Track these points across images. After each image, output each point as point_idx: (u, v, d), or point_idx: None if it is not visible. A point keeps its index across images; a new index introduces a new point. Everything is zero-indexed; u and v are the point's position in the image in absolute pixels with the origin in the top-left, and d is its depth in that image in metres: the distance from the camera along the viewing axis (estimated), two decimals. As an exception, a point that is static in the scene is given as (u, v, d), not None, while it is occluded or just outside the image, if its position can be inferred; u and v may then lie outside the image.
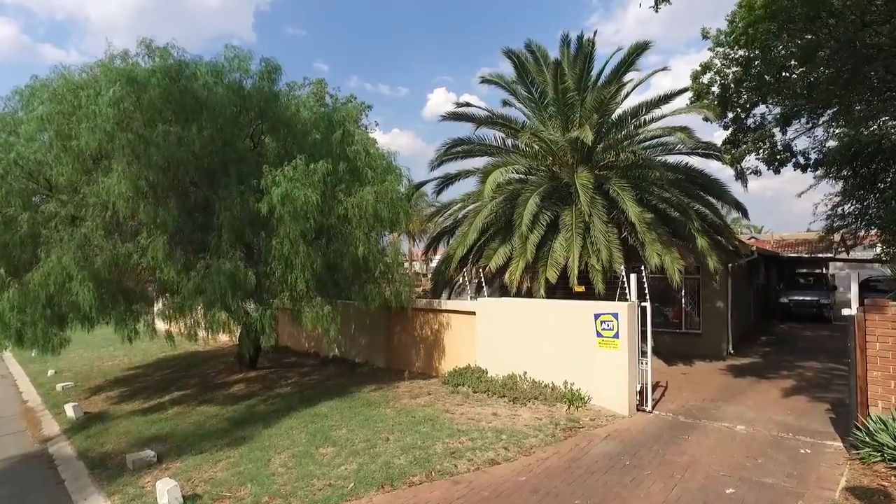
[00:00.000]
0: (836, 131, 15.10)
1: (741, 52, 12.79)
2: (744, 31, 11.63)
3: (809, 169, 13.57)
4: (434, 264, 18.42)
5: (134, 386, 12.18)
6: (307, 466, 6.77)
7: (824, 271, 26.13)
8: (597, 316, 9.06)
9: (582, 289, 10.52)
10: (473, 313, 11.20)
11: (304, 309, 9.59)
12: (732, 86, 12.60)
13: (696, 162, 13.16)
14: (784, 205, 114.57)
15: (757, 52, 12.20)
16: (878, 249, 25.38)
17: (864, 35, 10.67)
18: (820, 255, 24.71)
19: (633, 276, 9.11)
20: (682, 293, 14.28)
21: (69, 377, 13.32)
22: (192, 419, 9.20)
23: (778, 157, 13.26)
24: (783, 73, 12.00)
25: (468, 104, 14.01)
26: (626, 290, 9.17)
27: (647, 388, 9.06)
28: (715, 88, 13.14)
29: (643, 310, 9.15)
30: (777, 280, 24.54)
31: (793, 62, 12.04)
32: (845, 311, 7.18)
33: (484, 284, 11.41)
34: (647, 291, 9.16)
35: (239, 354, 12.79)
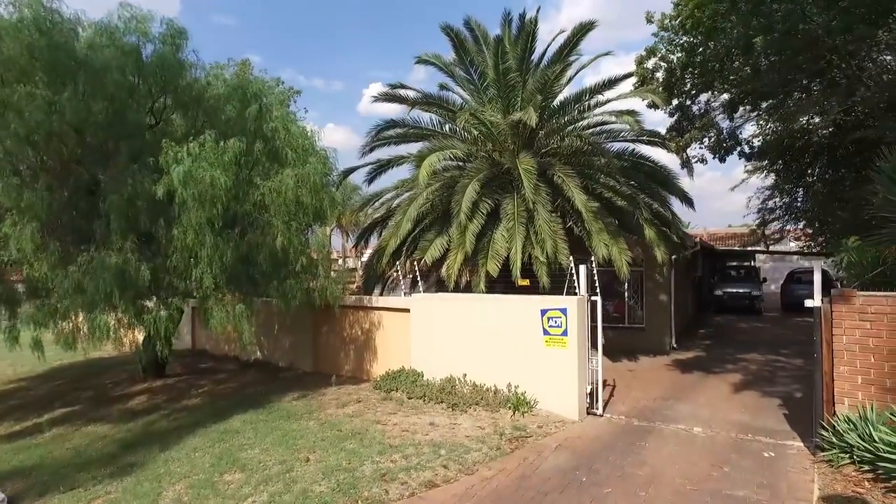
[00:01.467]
0: (770, 125, 15.13)
1: (685, 39, 12.41)
2: (690, 14, 11.19)
3: (754, 158, 13.40)
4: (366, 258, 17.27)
5: (8, 403, 10.33)
6: (206, 500, 5.58)
7: (753, 264, 26.81)
8: (543, 312, 8.25)
9: (526, 282, 9.73)
10: (407, 311, 10.19)
11: (213, 308, 8.28)
12: (678, 71, 12.18)
13: (641, 151, 12.67)
14: (707, 203, 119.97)
15: (700, 38, 11.82)
16: (794, 244, 26.32)
17: (806, 25, 10.42)
18: (754, 249, 25.28)
19: (582, 268, 8.36)
20: (626, 286, 13.82)
21: (-70, 394, 11.30)
22: (72, 443, 7.70)
23: (724, 144, 12.99)
24: (727, 60, 11.67)
25: (402, 86, 12.97)
26: (575, 283, 8.41)
27: (597, 389, 8.34)
28: (660, 74, 12.70)
29: (593, 304, 8.42)
30: (710, 273, 24.90)
31: (734, 50, 11.74)
32: (809, 303, 6.64)
33: (419, 279, 10.42)
34: (597, 284, 8.44)
35: (143, 360, 11.21)
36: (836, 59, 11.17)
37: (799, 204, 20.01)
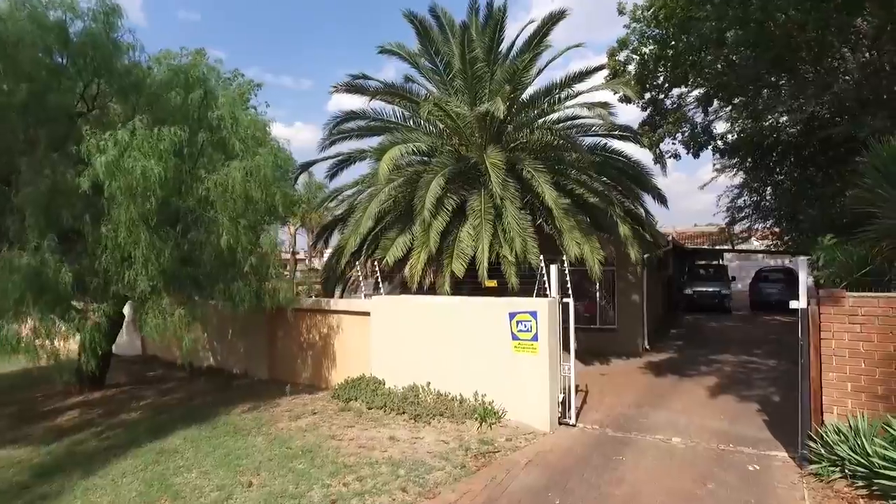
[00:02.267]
0: (740, 122, 14.92)
1: (657, 31, 12.02)
2: (663, 4, 10.79)
3: (727, 154, 13.12)
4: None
5: None
6: (124, 538, 4.82)
7: (722, 262, 26.86)
8: (512, 315, 7.68)
9: (493, 283, 9.14)
10: (368, 314, 9.52)
11: (148, 313, 7.47)
12: (651, 63, 11.77)
13: (614, 146, 12.22)
14: (672, 202, 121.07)
15: (674, 30, 11.44)
16: (756, 243, 26.47)
17: (780, 16, 10.11)
18: (723, 248, 25.27)
19: (553, 268, 7.82)
20: (597, 286, 13.36)
21: None
22: (-22, 471, 6.79)
23: (698, 139, 12.64)
24: (702, 53, 11.31)
25: (365, 76, 12.18)
26: (546, 285, 7.86)
27: (569, 396, 7.81)
28: (632, 67, 12.28)
29: (565, 306, 7.88)
30: (680, 272, 24.81)
31: (707, 44, 11.40)
32: (794, 304, 6.19)
33: (380, 280, 9.75)
34: (569, 285, 7.91)
35: (78, 371, 10.24)
36: (809, 56, 10.93)
37: (767, 202, 20.02)
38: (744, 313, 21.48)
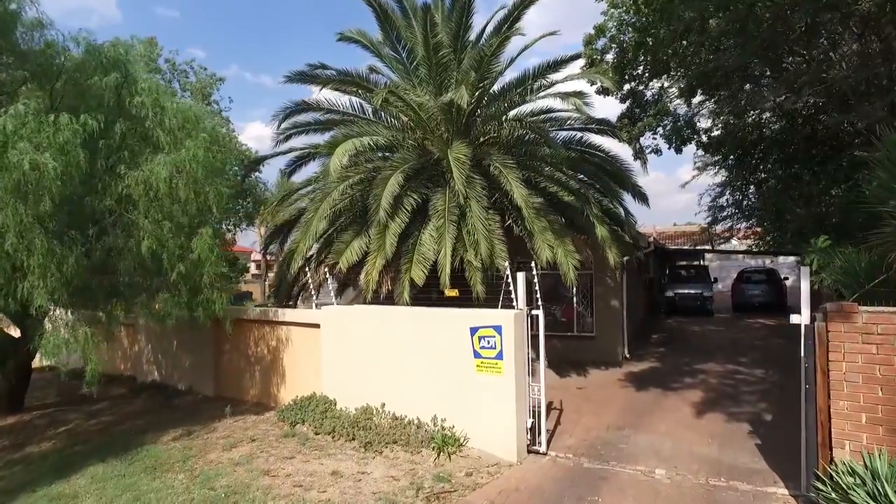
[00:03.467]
0: (723, 117, 14.22)
1: (636, 18, 11.19)
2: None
3: (711, 149, 12.33)
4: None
5: None
6: None
7: (703, 263, 26.26)
8: (473, 330, 6.73)
9: (455, 292, 8.20)
10: (318, 326, 8.52)
11: (47, 333, 6.41)
12: (630, 52, 10.90)
13: (591, 140, 11.34)
14: (651, 202, 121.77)
15: (655, 15, 10.60)
16: (736, 243, 25.96)
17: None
18: (705, 248, 24.66)
19: (520, 276, 6.88)
20: (574, 291, 12.47)
21: None
22: None
23: (681, 133, 11.81)
24: (684, 38, 10.48)
25: (323, 66, 11.21)
26: (513, 294, 6.92)
27: (540, 420, 6.88)
28: (610, 56, 11.40)
29: (534, 319, 6.94)
30: (660, 273, 24.13)
31: (690, 30, 10.60)
32: (795, 319, 5.35)
33: (332, 288, 8.76)
34: (538, 295, 6.98)
35: (-8, 393, 9.11)
36: (799, 43, 10.17)
37: (750, 201, 19.40)
38: (726, 316, 20.82)
